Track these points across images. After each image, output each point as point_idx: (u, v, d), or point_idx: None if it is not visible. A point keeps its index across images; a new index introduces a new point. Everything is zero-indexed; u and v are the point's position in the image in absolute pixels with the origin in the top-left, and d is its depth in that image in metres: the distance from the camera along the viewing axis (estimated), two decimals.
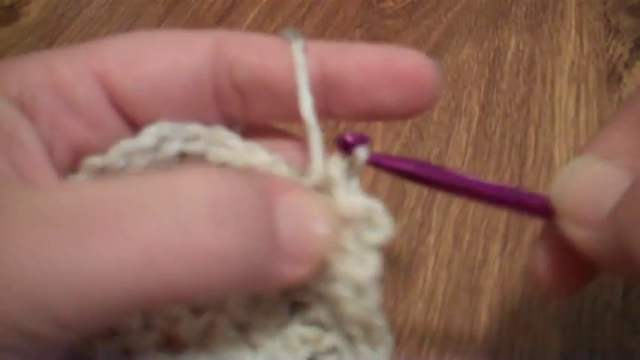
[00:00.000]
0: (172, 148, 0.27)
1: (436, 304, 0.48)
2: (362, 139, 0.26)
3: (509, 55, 0.69)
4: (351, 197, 0.26)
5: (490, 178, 0.58)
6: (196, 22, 0.76)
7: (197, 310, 0.27)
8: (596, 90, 0.65)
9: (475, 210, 0.54)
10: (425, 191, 0.55)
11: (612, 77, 0.66)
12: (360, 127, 0.63)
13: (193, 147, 0.27)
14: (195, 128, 0.27)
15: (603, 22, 0.72)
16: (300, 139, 0.29)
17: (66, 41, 0.74)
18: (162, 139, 0.26)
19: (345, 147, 0.26)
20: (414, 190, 0.55)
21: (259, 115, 0.28)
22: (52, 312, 0.19)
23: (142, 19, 0.77)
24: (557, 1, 0.76)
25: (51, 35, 0.74)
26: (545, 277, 0.30)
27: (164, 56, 0.26)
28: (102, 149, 0.26)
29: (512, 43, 0.71)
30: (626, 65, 0.67)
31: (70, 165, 0.26)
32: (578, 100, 0.64)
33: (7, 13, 0.77)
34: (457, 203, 0.55)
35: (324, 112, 0.27)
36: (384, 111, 0.27)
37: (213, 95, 0.27)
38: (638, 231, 0.22)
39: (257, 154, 0.27)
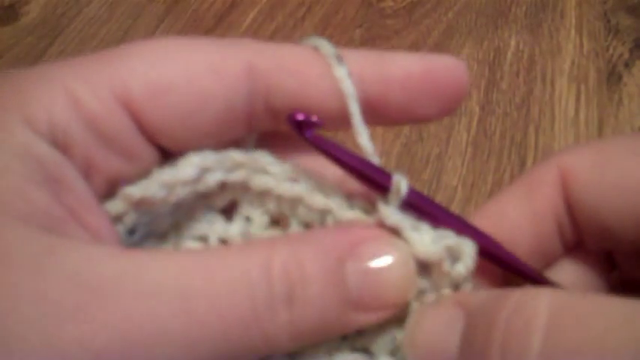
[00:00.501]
0: (214, 178, 0.26)
1: None
2: (313, 122, 0.25)
3: (509, 55, 0.70)
4: (424, 240, 0.25)
5: (490, 178, 0.58)
6: (196, 22, 0.76)
7: None
8: (596, 90, 0.65)
9: (475, 210, 0.54)
10: (425, 192, 0.55)
11: (612, 77, 0.66)
12: None
13: (235, 177, 0.26)
14: (237, 157, 0.26)
15: (603, 22, 0.72)
16: None
17: (66, 41, 0.74)
18: (204, 170, 0.26)
19: (297, 125, 0.25)
20: None
21: (286, 129, 0.28)
22: None
23: (142, 19, 0.77)
24: (557, 0, 0.76)
25: (51, 35, 0.74)
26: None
27: (194, 84, 0.25)
28: (136, 177, 0.26)
29: (512, 42, 0.71)
30: (626, 65, 0.67)
31: (106, 195, 0.25)
32: (578, 99, 0.64)
33: (7, 13, 0.77)
34: (457, 203, 0.55)
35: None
36: (420, 118, 0.27)
37: (246, 120, 0.26)
38: None
39: (301, 183, 0.26)
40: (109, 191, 0.25)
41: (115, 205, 0.25)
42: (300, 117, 0.25)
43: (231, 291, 0.22)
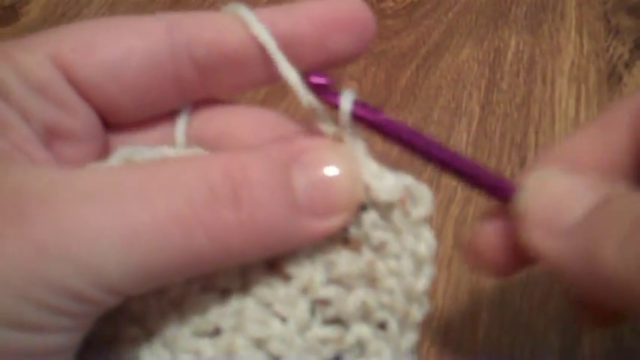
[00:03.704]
0: None
1: (436, 304, 0.48)
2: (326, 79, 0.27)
3: (510, 55, 0.70)
4: (383, 179, 0.26)
5: None
6: None
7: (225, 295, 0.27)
8: (596, 90, 0.65)
9: (475, 210, 0.54)
10: None
11: (612, 77, 0.66)
12: None
13: None
14: (162, 150, 0.28)
15: (603, 22, 0.72)
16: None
17: None
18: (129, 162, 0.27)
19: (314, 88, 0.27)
20: None
21: (219, 89, 0.30)
22: (100, 275, 0.22)
23: None
24: (557, 1, 0.76)
25: None
26: (487, 254, 0.32)
27: (117, 42, 0.28)
28: (74, 132, 0.28)
29: (513, 43, 0.71)
30: (626, 65, 0.67)
31: (45, 143, 0.28)
32: (578, 100, 0.64)
33: (7, 13, 0.77)
34: (457, 203, 0.55)
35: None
36: (335, 57, 0.29)
37: (173, 76, 0.28)
38: (605, 243, 0.24)
39: None
40: (48, 139, 0.28)
41: None
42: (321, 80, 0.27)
43: (165, 193, 0.23)
